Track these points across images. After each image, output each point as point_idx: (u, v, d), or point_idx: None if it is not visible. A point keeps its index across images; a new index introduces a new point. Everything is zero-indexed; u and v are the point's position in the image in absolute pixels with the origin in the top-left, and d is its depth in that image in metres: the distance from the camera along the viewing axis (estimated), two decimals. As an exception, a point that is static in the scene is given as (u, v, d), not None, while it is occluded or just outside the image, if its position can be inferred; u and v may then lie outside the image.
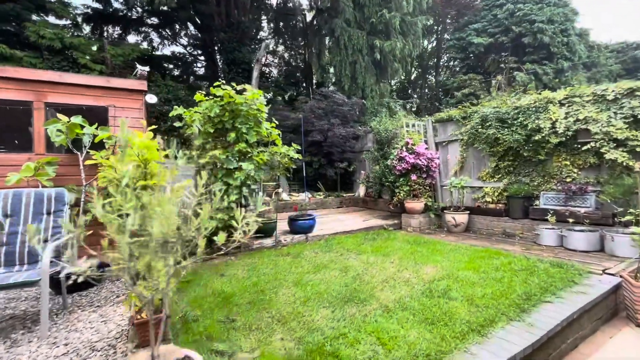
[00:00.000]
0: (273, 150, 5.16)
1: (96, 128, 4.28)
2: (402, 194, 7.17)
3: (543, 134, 5.54)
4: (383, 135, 8.92)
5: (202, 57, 13.59)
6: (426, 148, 7.53)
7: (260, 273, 4.14)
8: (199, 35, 13.00)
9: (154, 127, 4.76)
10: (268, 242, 5.64)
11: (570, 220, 5.08)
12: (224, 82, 5.16)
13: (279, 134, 5.56)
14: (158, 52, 14.30)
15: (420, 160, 6.99)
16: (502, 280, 3.52)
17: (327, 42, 10.83)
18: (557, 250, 4.83)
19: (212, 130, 4.84)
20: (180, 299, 3.38)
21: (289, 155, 5.39)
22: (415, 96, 23.81)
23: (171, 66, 15.39)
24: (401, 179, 7.26)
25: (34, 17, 8.73)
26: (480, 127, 6.51)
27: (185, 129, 5.06)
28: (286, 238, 5.85)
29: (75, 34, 9.35)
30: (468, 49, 19.10)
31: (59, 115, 4.00)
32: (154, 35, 14.07)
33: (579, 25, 18.04)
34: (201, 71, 15.47)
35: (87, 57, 8.45)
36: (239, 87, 4.91)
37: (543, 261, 4.12)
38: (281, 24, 14.81)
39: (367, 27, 11.03)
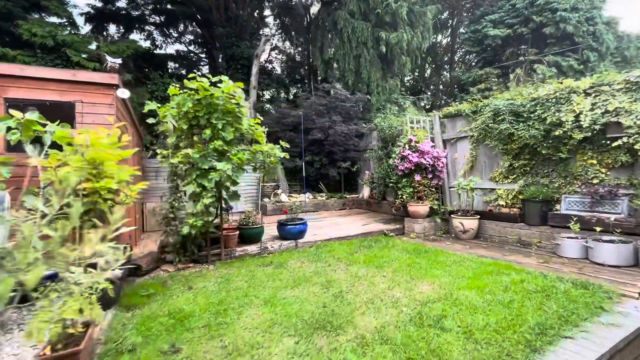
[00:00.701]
0: (255, 149, 4.68)
1: (57, 125, 3.91)
2: (404, 196, 6.55)
3: (565, 129, 4.81)
4: (387, 132, 8.31)
5: (203, 55, 13.33)
6: (432, 146, 6.89)
7: (232, 287, 3.66)
8: (199, 31, 12.72)
9: (122, 123, 4.38)
10: (253, 248, 5.18)
11: (597, 228, 4.35)
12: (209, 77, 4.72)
13: (264, 131, 5.08)
14: (162, 51, 14.17)
15: (425, 159, 6.36)
16: (511, 304, 2.90)
17: (329, 36, 10.29)
18: (581, 265, 4.12)
19: (185, 127, 4.41)
20: (130, 319, 2.94)
21: (274, 154, 4.90)
22: (429, 93, 22.90)
23: (177, 65, 15.23)
24: (404, 180, 6.65)
25: (33, 16, 8.60)
26: (492, 121, 5.81)
27: (159, 126, 4.65)
28: (274, 245, 5.37)
29: (73, 32, 9.20)
30: (484, 41, 18.06)
31: (12, 112, 3.64)
32: (157, 34, 13.93)
33: (606, 13, 16.72)
34: (206, 69, 15.25)
35: (82, 55, 8.26)
36: (214, 79, 4.45)
37: (563, 280, 3.44)
38: (286, 19, 14.36)
39: (372, 18, 10.39)
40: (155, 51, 13.36)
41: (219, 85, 4.47)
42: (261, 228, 5.50)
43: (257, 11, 12.83)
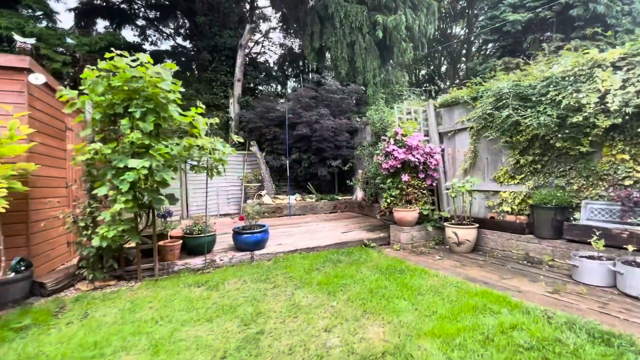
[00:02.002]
0: (188, 143, 3.85)
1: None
2: (389, 200, 5.55)
3: (586, 114, 3.69)
4: (378, 126, 7.30)
5: (194, 49, 12.73)
6: (427, 140, 5.85)
7: (134, 318, 2.86)
8: (188, 23, 12.15)
9: (24, 113, 3.68)
10: (198, 262, 4.37)
11: (630, 247, 3.23)
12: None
13: (209, 123, 4.27)
14: (156, 48, 13.73)
15: (414, 155, 5.33)
16: (487, 372, 1.91)
17: (318, 21, 9.36)
18: (605, 297, 3.02)
19: (98, 117, 3.65)
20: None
21: (220, 150, 4.07)
22: (446, 86, 21.45)
23: (174, 62, 14.76)
24: (389, 180, 5.65)
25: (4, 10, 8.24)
26: (493, 108, 4.72)
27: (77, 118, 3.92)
28: (225, 257, 4.54)
29: (50, 25, 8.82)
30: (503, 28, 16.53)
31: None
32: (151, 31, 13.50)
33: (645, -9, 14.78)
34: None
35: (50, 48, 7.82)
36: (131, 57, 3.66)
37: (576, 326, 2.39)
38: (283, 7, 13.51)
39: (368, 0, 9.37)
40: (145, 47, 12.93)
41: (147, 65, 3.68)
42: (212, 237, 4.68)
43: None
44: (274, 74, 11.77)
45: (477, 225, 4.89)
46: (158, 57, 13.95)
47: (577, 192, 4.06)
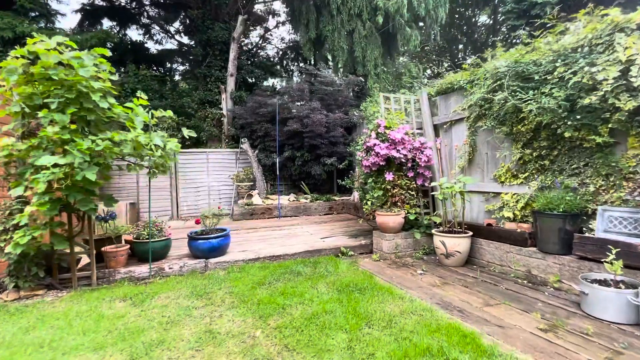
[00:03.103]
0: (115, 137, 3.39)
1: None
2: (369, 203, 4.86)
3: (602, 93, 2.82)
4: (371, 118, 6.56)
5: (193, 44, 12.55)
6: (419, 133, 5.09)
7: (13, 341, 2.43)
8: (188, 20, 11.94)
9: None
10: (144, 270, 3.94)
11: (661, 271, 2.36)
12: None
13: (159, 116, 3.83)
14: (161, 47, 13.73)
15: (399, 151, 4.60)
16: None
17: (313, 9, 8.71)
18: (620, 340, 2.20)
19: (17, 109, 3.28)
20: None
21: (154, 144, 3.59)
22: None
23: (181, 60, 14.75)
24: (370, 180, 4.94)
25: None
26: (490, 92, 3.89)
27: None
28: (175, 265, 4.08)
29: (49, 26, 8.89)
30: (530, 11, 15.02)
31: None
32: (156, 31, 13.50)
33: None
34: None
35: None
36: (52, 40, 3.26)
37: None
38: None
39: (369, -16, 8.61)
40: (148, 45, 12.94)
41: (60, 49, 3.28)
42: (164, 242, 4.23)
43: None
44: (273, 69, 11.28)
45: (471, 233, 4.08)
46: (165, 56, 13.97)
47: (594, 196, 3.18)
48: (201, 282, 3.62)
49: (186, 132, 4.12)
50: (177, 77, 13.39)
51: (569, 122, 3.15)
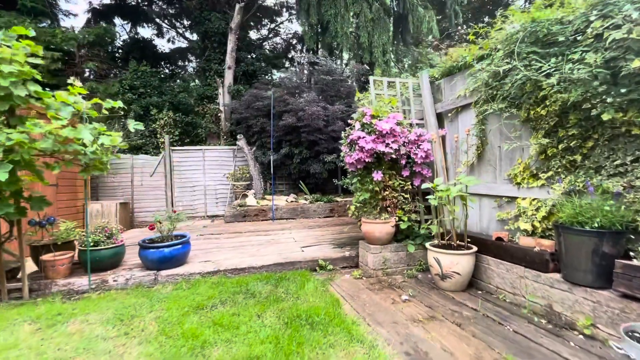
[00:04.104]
0: (34, 130, 2.88)
1: None
2: (352, 208, 4.07)
3: (661, 51, 1.86)
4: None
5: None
6: (420, 123, 4.24)
7: None
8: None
9: None
10: (85, 282, 3.46)
11: None
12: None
13: (107, 110, 3.32)
14: (173, 45, 13.62)
15: (389, 145, 3.77)
16: None
17: (315, -8, 7.98)
18: None
19: None
20: None
21: (82, 138, 3.06)
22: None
23: (193, 57, 14.60)
24: (356, 180, 4.15)
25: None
26: (503, 66, 2.97)
27: None
28: (121, 277, 3.56)
29: (54, 25, 8.91)
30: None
31: None
32: (168, 28, 13.39)
33: None
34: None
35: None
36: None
37: None
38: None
39: (377, -39, 7.70)
40: (158, 43, 12.83)
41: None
42: (113, 250, 3.73)
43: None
44: (276, 61, 10.66)
45: (475, 249, 3.19)
46: (176, 53, 13.85)
47: (646, 205, 2.20)
48: (136, 301, 3.05)
49: (132, 126, 3.58)
50: (188, 75, 13.20)
51: (609, 99, 2.19)
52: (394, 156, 3.86)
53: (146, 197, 8.13)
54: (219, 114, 9.00)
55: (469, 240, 3.32)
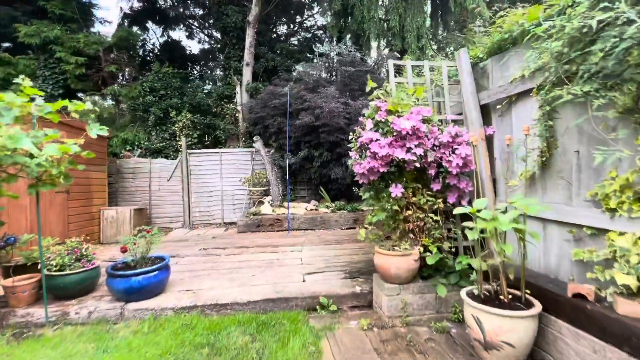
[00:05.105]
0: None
1: None
2: (362, 232, 3.15)
3: None
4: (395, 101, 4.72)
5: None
6: (459, 120, 3.23)
7: None
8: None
9: None
10: (43, 315, 2.97)
11: None
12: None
13: (76, 112, 2.82)
14: (202, 46, 13.49)
15: (411, 149, 2.80)
16: None
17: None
18: None
19: None
20: None
21: (21, 147, 2.53)
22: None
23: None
24: (367, 195, 3.23)
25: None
26: (598, 17, 1.87)
27: None
28: (84, 309, 3.04)
29: (84, 31, 9.07)
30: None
31: None
32: (198, 30, 13.31)
33: None
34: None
35: (66, 51, 7.89)
36: None
37: None
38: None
39: None
40: (187, 45, 12.78)
41: None
42: (81, 275, 3.22)
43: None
44: (299, 55, 9.88)
45: (538, 308, 2.12)
46: (206, 54, 13.76)
47: None
48: (80, 349, 2.46)
49: (95, 131, 3.02)
50: (209, 75, 12.99)
51: None
52: (418, 165, 2.87)
53: (164, 202, 7.87)
54: (236, 114, 8.51)
55: (527, 291, 2.25)
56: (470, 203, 3.11)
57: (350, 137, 3.27)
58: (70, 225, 6.08)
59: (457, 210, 2.28)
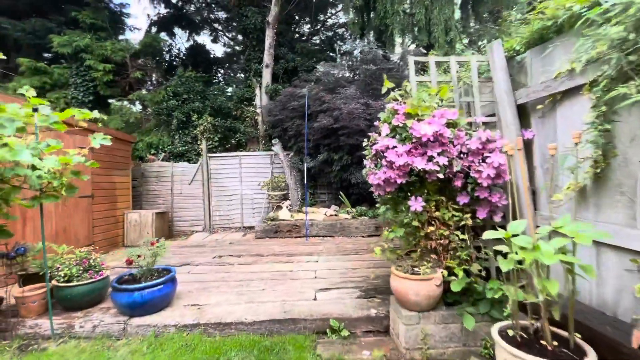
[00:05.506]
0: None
1: None
2: (379, 250, 2.82)
3: None
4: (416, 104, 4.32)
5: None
6: (491, 122, 2.84)
7: None
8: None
9: None
10: (46, 327, 2.94)
11: None
12: None
13: (65, 121, 2.76)
14: (226, 50, 13.61)
15: (433, 158, 2.45)
16: None
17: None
18: None
19: None
20: None
21: (20, 160, 2.47)
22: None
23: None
24: (383, 209, 2.91)
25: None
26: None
27: None
28: (88, 322, 2.98)
29: (114, 39, 9.40)
30: None
31: None
32: (222, 34, 13.45)
33: None
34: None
35: (95, 59, 8.18)
36: None
37: None
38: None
39: None
40: (211, 49, 12.93)
41: None
42: (88, 286, 3.17)
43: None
44: (321, 55, 9.57)
45: (591, 357, 1.70)
46: (230, 57, 13.88)
47: None
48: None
49: (98, 141, 2.93)
50: (229, 78, 13.08)
51: None
52: (441, 175, 2.51)
53: (185, 205, 7.93)
54: (256, 117, 8.41)
55: (578, 335, 1.83)
56: (504, 218, 2.70)
57: (364, 144, 2.97)
58: (95, 229, 6.23)
59: (488, 235, 1.90)
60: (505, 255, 1.89)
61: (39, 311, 3.13)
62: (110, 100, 9.63)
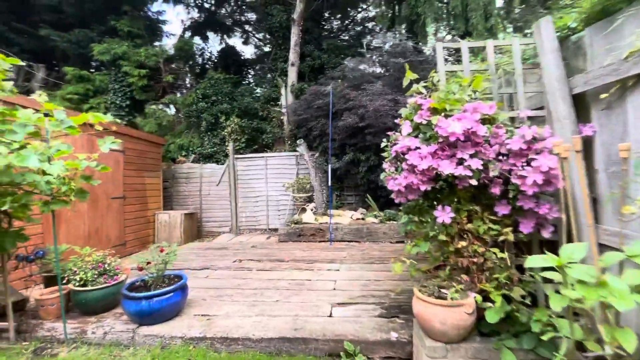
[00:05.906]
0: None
1: None
2: (398, 267, 2.46)
3: None
4: (443, 97, 3.85)
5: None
6: (539, 116, 2.37)
7: None
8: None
9: None
10: (69, 329, 2.95)
11: None
12: None
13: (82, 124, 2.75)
14: (257, 51, 13.71)
15: (467, 160, 2.06)
16: None
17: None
18: None
19: None
20: None
21: (28, 165, 2.45)
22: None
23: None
24: (406, 219, 2.54)
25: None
26: None
27: None
28: (100, 329, 2.95)
29: (149, 45, 9.80)
30: None
31: None
32: (252, 35, 13.57)
33: None
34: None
35: (131, 65, 8.54)
36: None
37: None
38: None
39: None
40: (242, 50, 13.06)
41: None
42: (102, 291, 3.16)
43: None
44: (349, 51, 9.16)
45: None
46: (261, 58, 13.96)
47: None
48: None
49: (107, 145, 2.88)
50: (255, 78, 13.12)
51: None
52: (474, 181, 2.10)
53: (213, 206, 8.01)
54: (282, 117, 8.28)
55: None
56: (555, 232, 2.22)
57: (383, 144, 2.63)
58: (127, 229, 6.44)
59: (532, 263, 1.49)
60: (558, 293, 1.47)
61: (58, 314, 3.16)
62: (146, 105, 10.07)
